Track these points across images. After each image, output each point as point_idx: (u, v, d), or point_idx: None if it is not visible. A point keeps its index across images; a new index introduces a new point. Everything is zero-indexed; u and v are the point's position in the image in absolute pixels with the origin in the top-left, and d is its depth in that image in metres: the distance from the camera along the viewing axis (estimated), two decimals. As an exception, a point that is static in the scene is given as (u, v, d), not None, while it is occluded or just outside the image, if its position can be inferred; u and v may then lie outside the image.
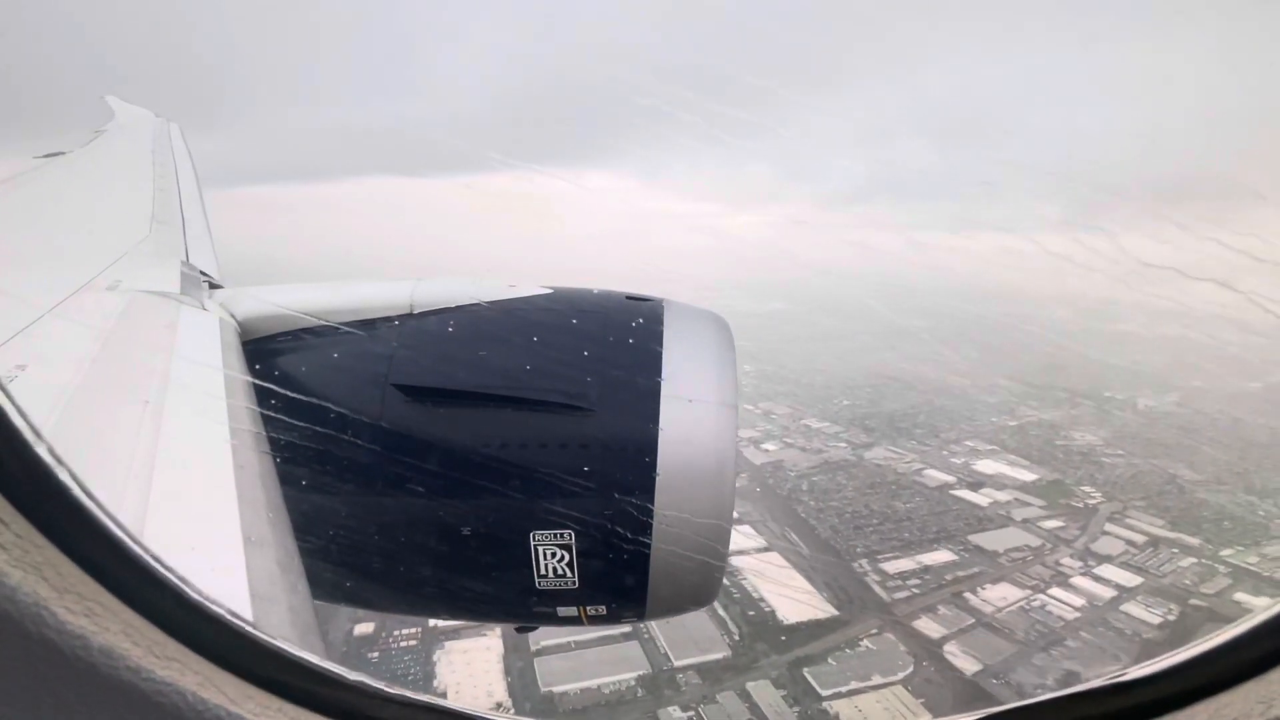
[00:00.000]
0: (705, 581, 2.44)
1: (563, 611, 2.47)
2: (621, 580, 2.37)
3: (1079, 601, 58.86)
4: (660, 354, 2.44)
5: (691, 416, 2.34)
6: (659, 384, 2.37)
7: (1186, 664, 0.89)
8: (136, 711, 0.81)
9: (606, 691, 48.01)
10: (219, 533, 1.32)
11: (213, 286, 3.10)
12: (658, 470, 2.27)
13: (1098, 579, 62.25)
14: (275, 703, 0.91)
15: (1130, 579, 62.05)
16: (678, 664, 50.24)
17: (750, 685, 48.57)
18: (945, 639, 53.83)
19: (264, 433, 1.97)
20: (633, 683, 48.86)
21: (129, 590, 0.85)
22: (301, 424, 2.26)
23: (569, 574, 2.35)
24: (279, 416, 2.17)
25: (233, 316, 2.61)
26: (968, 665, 51.02)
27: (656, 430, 2.30)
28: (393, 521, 2.42)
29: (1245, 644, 0.86)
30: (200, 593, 0.90)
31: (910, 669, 50.67)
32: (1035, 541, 68.63)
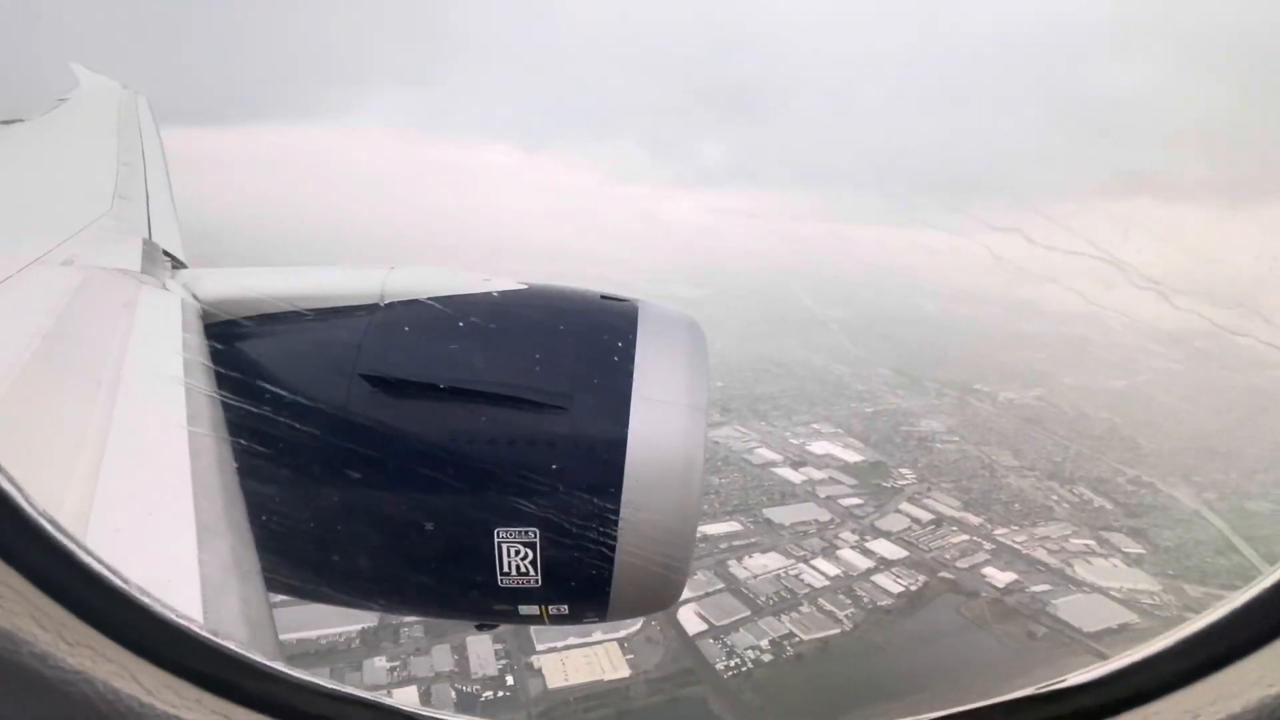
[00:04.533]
0: (668, 584, 2.42)
1: (524, 610, 2.44)
2: (585, 580, 2.35)
3: (835, 572, 60.75)
4: (633, 355, 2.42)
5: (661, 419, 2.32)
6: (630, 385, 2.35)
7: (1118, 673, 0.90)
8: (38, 701, 0.74)
9: (323, 643, 48.26)
10: (171, 520, 1.27)
11: (176, 266, 2.98)
12: (625, 471, 2.26)
13: (866, 552, 64.28)
14: (195, 693, 0.84)
15: (897, 552, 64.24)
16: (407, 620, 50.74)
17: (470, 639, 49.26)
18: (686, 601, 55.13)
19: (223, 419, 1.88)
20: (354, 634, 49.23)
21: (37, 570, 0.77)
22: (263, 411, 2.19)
23: (532, 572, 2.32)
24: (240, 403, 2.08)
25: (195, 298, 2.51)
26: (695, 627, 52.42)
27: (626, 431, 2.28)
28: (354, 514, 2.36)
29: (1172, 656, 0.88)
30: (118, 574, 0.83)
31: (637, 628, 51.86)
32: (826, 516, 70.54)
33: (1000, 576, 60.72)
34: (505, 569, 2.31)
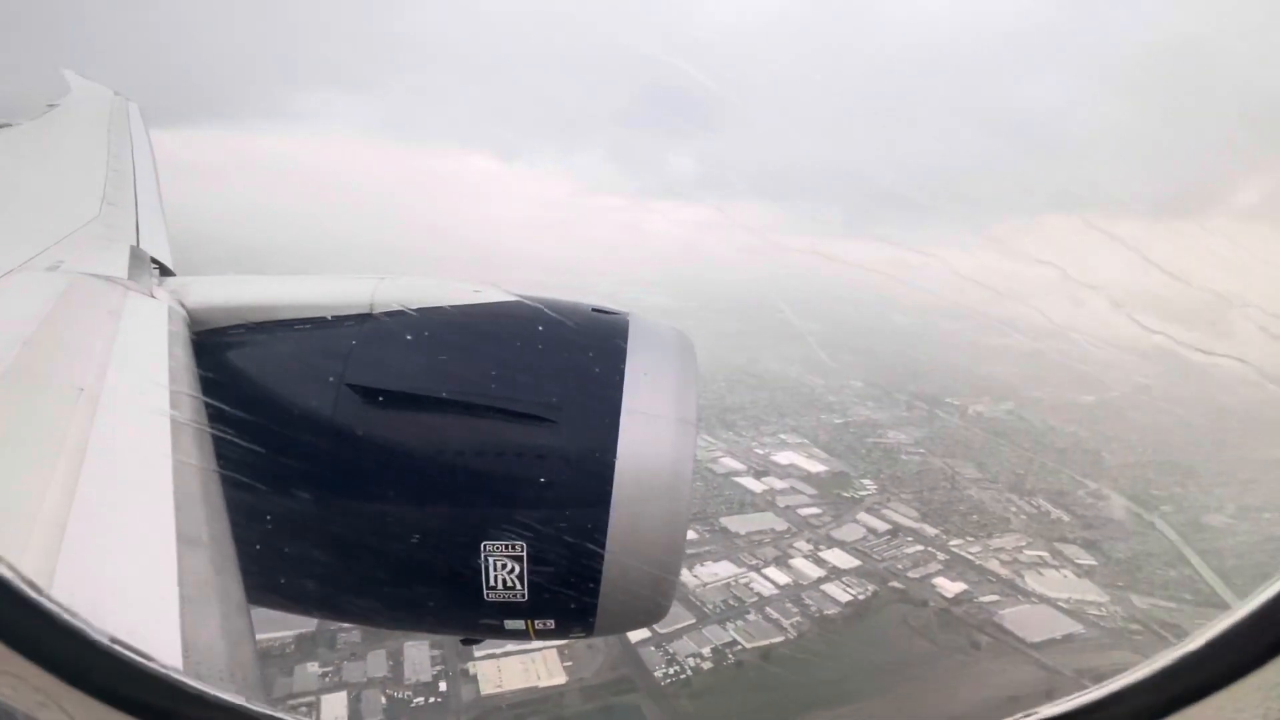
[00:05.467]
0: (656, 599, 2.38)
1: (510, 624, 2.40)
2: (572, 595, 2.32)
3: (785, 580, 60.55)
4: (623, 368, 2.41)
5: (650, 432, 2.31)
6: (619, 398, 2.34)
7: (1096, 705, 0.90)
8: None
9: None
10: (151, 532, 1.24)
11: (164, 273, 2.96)
12: (614, 485, 2.24)
13: (819, 561, 64.14)
14: None
15: (849, 562, 64.15)
16: (345, 625, 50.04)
17: (407, 645, 48.65)
18: (631, 609, 54.79)
19: (208, 428, 1.85)
20: (290, 639, 48.48)
21: None
22: (249, 421, 2.12)
23: (518, 586, 2.28)
24: (225, 412, 2.03)
25: (182, 306, 2.48)
26: (637, 634, 51.91)
27: (615, 444, 2.27)
28: (339, 526, 2.32)
29: (1151, 687, 0.87)
30: (48, 597, 0.78)
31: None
32: (783, 526, 70.42)
33: (950, 587, 60.72)
34: (492, 583, 2.30)
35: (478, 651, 48.28)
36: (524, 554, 2.29)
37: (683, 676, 48.22)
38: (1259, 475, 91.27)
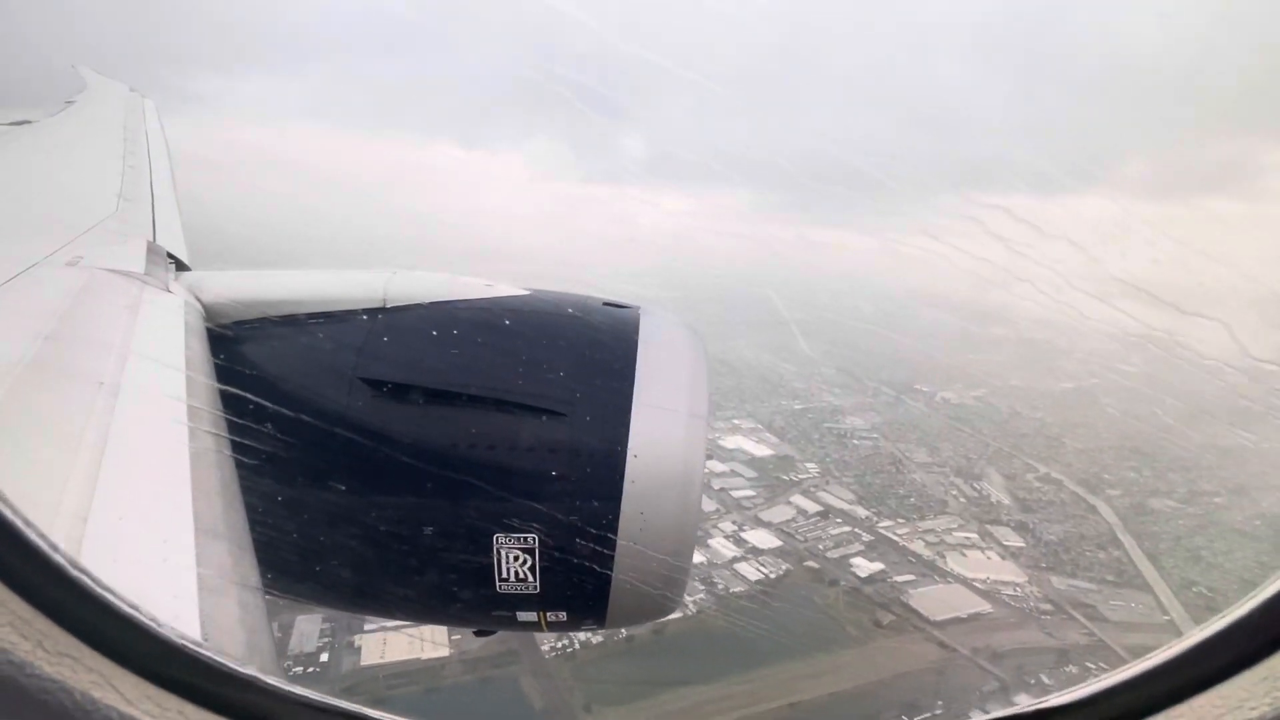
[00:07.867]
0: (667, 592, 2.45)
1: (522, 616, 2.47)
2: (584, 587, 2.39)
3: (699, 560, 60.18)
4: (634, 362, 2.46)
5: (661, 426, 2.36)
6: (631, 392, 2.39)
7: (1091, 699, 0.93)
8: (11, 709, 0.74)
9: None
10: (170, 524, 1.29)
11: (180, 268, 3.05)
12: (625, 478, 2.30)
13: (739, 541, 63.72)
14: (175, 703, 0.84)
15: (771, 542, 63.64)
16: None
17: (301, 618, 49.06)
18: (535, 586, 54.82)
19: (225, 422, 1.91)
20: (185, 612, 49.21)
21: (19, 578, 0.78)
22: (265, 415, 2.22)
23: (531, 578, 2.35)
24: (241, 404, 2.12)
25: (198, 300, 2.56)
26: (535, 609, 52.04)
27: (626, 438, 2.33)
28: (353, 517, 2.39)
29: (1146, 682, 0.90)
30: (102, 584, 0.83)
31: (473, 610, 51.57)
32: (711, 507, 69.92)
33: (867, 566, 60.06)
34: (504, 575, 2.33)
35: (367, 624, 48.63)
36: (536, 546, 2.31)
37: (570, 650, 48.21)
38: (1220, 461, 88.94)
